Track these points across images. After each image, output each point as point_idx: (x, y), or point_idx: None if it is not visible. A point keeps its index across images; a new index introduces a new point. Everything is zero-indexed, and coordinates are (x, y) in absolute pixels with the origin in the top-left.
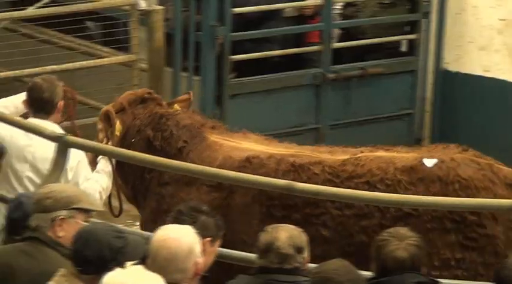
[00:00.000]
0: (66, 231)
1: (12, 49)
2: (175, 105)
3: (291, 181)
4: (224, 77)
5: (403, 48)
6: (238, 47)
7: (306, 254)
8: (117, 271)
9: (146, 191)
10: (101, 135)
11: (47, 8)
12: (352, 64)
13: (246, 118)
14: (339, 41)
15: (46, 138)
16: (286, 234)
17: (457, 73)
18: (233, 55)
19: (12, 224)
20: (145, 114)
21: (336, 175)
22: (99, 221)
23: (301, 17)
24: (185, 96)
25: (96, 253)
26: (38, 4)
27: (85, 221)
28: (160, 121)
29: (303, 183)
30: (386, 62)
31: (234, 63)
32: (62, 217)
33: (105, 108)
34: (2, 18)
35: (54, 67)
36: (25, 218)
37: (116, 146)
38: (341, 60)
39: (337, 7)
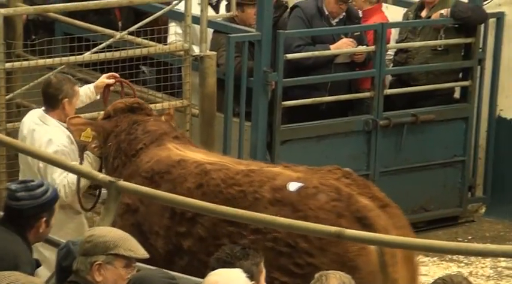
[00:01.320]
0: (104, 277)
1: None
2: (163, 116)
3: (341, 228)
4: (275, 123)
5: (456, 94)
6: (288, 93)
7: None
8: None
9: None
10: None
11: (102, 53)
12: (404, 110)
13: (296, 164)
14: (391, 88)
15: (98, 182)
16: (337, 281)
17: (511, 120)
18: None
19: (61, 271)
20: (126, 121)
21: (224, 181)
22: (151, 267)
23: (353, 63)
24: (170, 111)
25: None
26: (94, 49)
27: (126, 267)
28: (133, 126)
29: (352, 230)
30: (438, 109)
31: (284, 109)
32: (99, 262)
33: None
34: (59, 63)
35: None
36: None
37: (89, 150)
38: (393, 107)
39: (389, 53)
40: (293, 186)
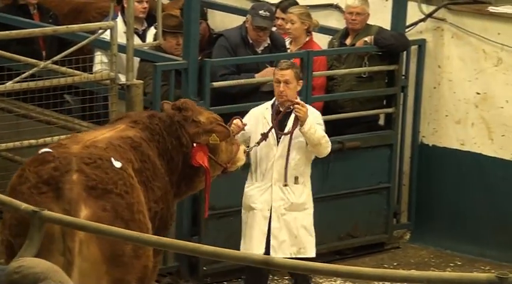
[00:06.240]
0: None
1: None
2: (214, 134)
3: (268, 256)
4: None
5: (381, 121)
6: None
7: None
8: None
9: None
10: None
11: (25, 82)
12: (330, 138)
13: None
14: None
15: (21, 213)
16: None
17: (434, 147)
18: None
19: None
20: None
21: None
22: None
23: None
24: (223, 130)
25: None
26: (17, 79)
27: None
28: None
29: (279, 258)
30: (364, 136)
31: None
32: None
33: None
34: None
35: (32, 141)
36: None
37: None
38: None
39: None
40: None
